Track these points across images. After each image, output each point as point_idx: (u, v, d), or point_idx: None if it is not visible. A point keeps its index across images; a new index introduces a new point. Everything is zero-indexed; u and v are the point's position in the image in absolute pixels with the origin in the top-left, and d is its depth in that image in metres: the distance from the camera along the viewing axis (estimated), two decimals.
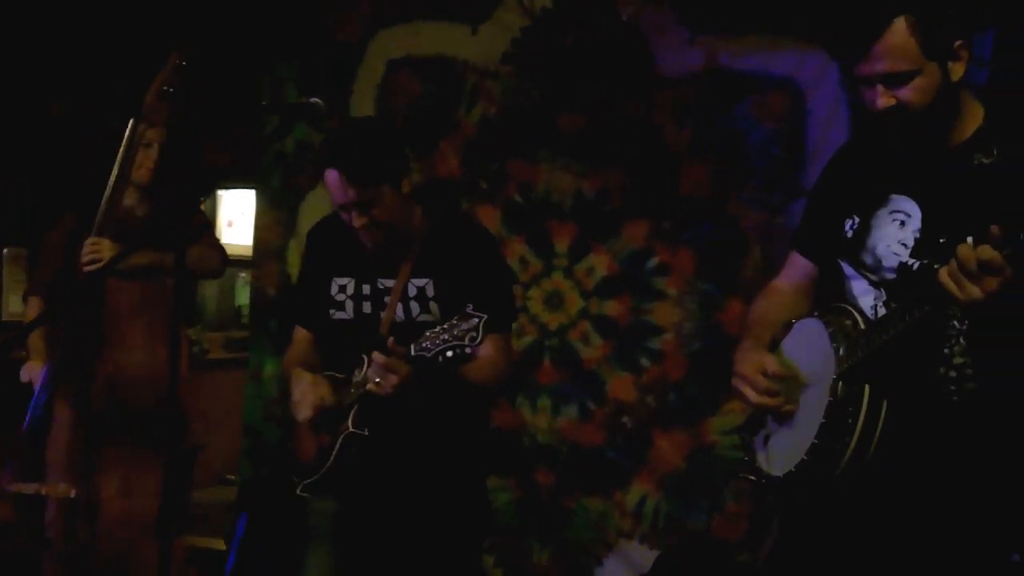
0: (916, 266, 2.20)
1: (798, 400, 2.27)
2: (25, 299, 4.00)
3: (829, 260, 2.40)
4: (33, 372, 3.70)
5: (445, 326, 2.66)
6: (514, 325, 3.15)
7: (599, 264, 4.34)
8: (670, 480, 4.21)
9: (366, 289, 2.97)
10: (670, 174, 4.21)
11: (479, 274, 2.92)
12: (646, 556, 4.19)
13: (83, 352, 3.64)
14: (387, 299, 2.93)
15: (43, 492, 3.57)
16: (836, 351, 2.18)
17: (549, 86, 4.39)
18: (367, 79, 4.69)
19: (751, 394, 2.30)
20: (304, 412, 2.88)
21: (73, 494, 3.53)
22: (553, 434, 4.38)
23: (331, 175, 2.82)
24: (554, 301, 4.41)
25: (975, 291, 1.92)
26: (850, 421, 2.13)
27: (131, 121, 3.59)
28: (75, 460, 3.64)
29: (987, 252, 1.89)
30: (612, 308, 4.32)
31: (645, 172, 4.25)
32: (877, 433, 2.14)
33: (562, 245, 4.39)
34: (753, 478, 2.37)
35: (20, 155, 5.44)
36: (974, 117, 2.22)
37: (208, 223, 4.84)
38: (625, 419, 4.29)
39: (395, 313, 2.92)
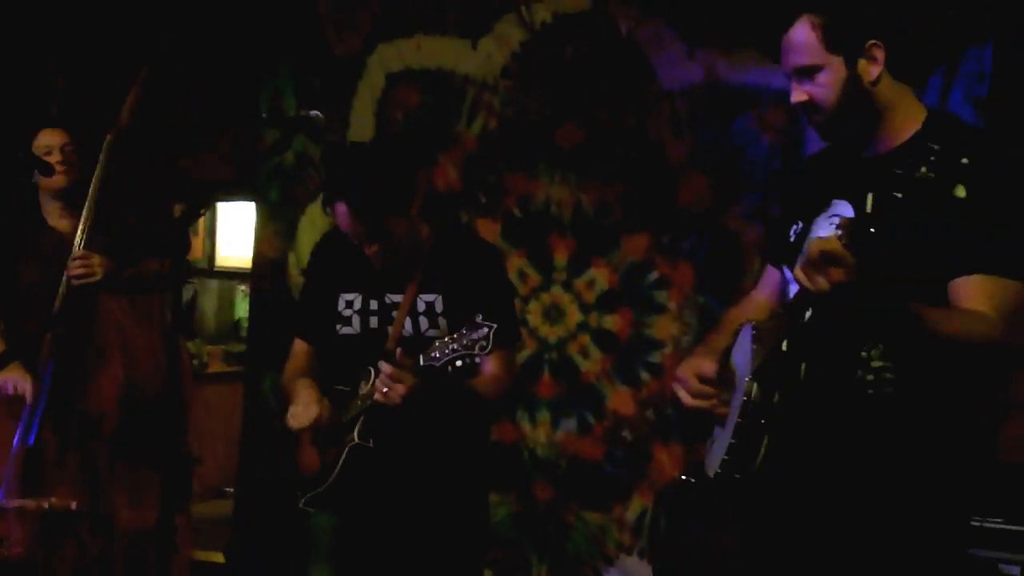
0: None
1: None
2: None
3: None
4: (17, 382, 3.62)
5: (454, 335, 2.66)
6: (516, 348, 3.16)
7: (599, 277, 4.34)
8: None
9: (373, 304, 2.97)
10: (669, 188, 4.21)
11: (486, 288, 2.93)
12: (646, 570, 4.18)
13: (79, 366, 3.64)
14: (394, 314, 2.93)
15: (45, 507, 3.57)
16: (754, 353, 2.22)
17: (548, 100, 4.40)
18: (367, 93, 4.70)
19: (685, 396, 2.36)
20: (299, 422, 2.88)
21: (73, 507, 3.53)
22: (552, 448, 4.38)
23: (340, 208, 2.80)
24: (553, 314, 4.41)
25: (822, 282, 1.97)
26: (763, 421, 2.16)
27: (107, 136, 3.60)
28: (73, 473, 3.64)
29: (826, 243, 1.94)
30: (612, 322, 4.32)
31: (644, 186, 4.26)
32: (789, 432, 2.17)
33: (561, 258, 4.40)
34: (690, 479, 2.40)
35: None
36: (913, 121, 2.26)
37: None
38: (625, 433, 4.28)
39: (403, 328, 2.91)
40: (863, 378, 2.21)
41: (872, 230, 1.93)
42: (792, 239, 2.38)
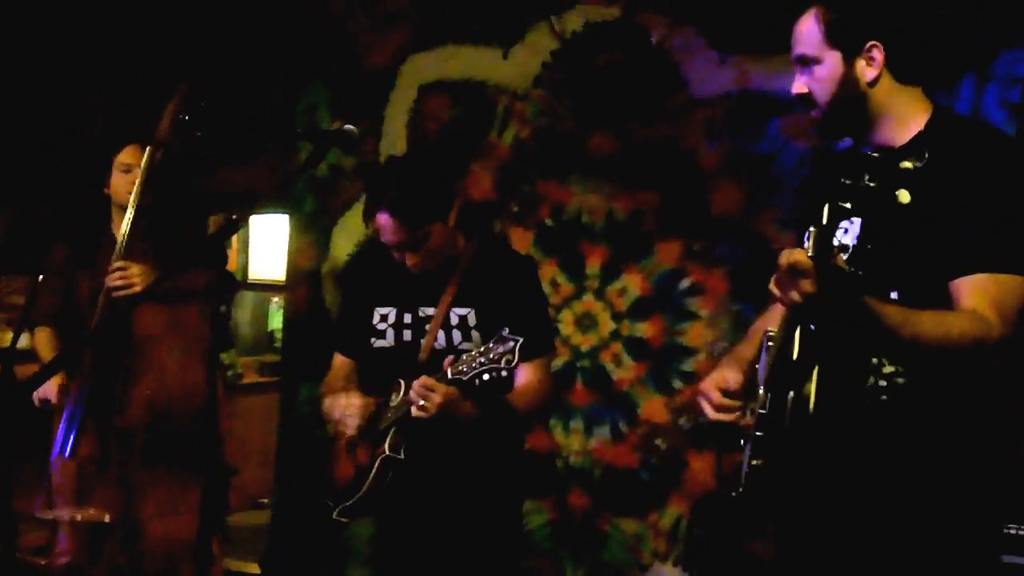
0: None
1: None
2: (29, 330, 3.91)
3: None
4: (50, 392, 3.68)
5: (482, 349, 2.68)
6: (551, 356, 3.16)
7: (631, 285, 4.34)
8: None
9: (407, 318, 3.01)
10: (702, 195, 4.21)
11: (519, 301, 2.95)
12: None
13: (116, 377, 3.67)
14: (428, 327, 2.96)
15: (78, 518, 3.60)
16: (766, 363, 2.23)
17: (580, 108, 4.41)
18: (399, 103, 4.73)
19: (708, 410, 2.35)
20: (352, 424, 2.91)
21: (107, 519, 3.56)
22: (586, 456, 4.38)
23: (382, 218, 2.87)
24: (586, 323, 4.41)
25: (793, 295, 1.98)
26: (777, 431, 2.15)
27: (147, 148, 3.65)
28: (107, 485, 3.67)
29: (792, 255, 1.96)
30: (644, 329, 4.32)
31: (677, 193, 4.26)
32: (804, 440, 2.15)
33: (594, 267, 4.40)
34: (729, 493, 2.39)
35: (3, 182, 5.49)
36: (915, 123, 2.25)
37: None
38: (658, 441, 4.28)
39: (435, 340, 2.93)
40: (876, 384, 2.19)
41: (838, 240, 1.94)
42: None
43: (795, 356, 2.15)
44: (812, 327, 2.14)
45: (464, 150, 4.59)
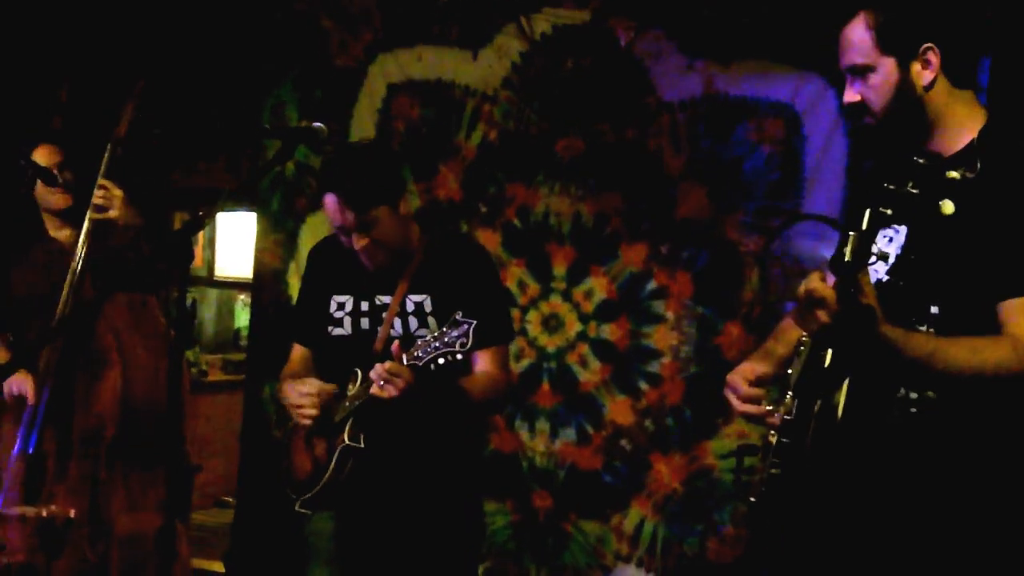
0: (886, 282, 2.18)
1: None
2: None
3: None
4: (23, 387, 3.63)
5: (436, 334, 2.70)
6: (512, 348, 3.17)
7: (597, 287, 4.36)
8: (668, 504, 4.21)
9: (364, 306, 3.01)
10: (668, 198, 4.23)
11: (475, 288, 2.96)
12: None
13: (80, 373, 3.65)
14: (384, 315, 2.97)
15: (44, 514, 3.58)
16: (795, 367, 2.18)
17: (548, 111, 4.42)
18: (368, 103, 4.73)
19: (735, 402, 2.29)
20: (309, 412, 2.91)
21: (72, 514, 3.54)
22: (551, 457, 4.39)
23: (329, 199, 2.88)
24: (552, 324, 4.43)
25: (811, 324, 1.97)
26: (803, 436, 2.12)
27: (108, 145, 3.64)
28: (72, 480, 3.66)
29: (810, 283, 1.95)
30: (610, 331, 4.34)
31: (643, 196, 4.28)
32: (827, 452, 2.12)
33: (560, 268, 4.41)
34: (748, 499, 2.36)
35: None
36: (969, 130, 2.17)
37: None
38: (623, 442, 4.29)
39: (392, 328, 2.95)
40: (907, 396, 2.13)
41: (879, 248, 1.91)
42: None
43: (827, 363, 2.12)
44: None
45: (432, 150, 4.59)
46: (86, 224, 3.61)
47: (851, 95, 2.20)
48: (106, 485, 3.67)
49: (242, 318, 7.28)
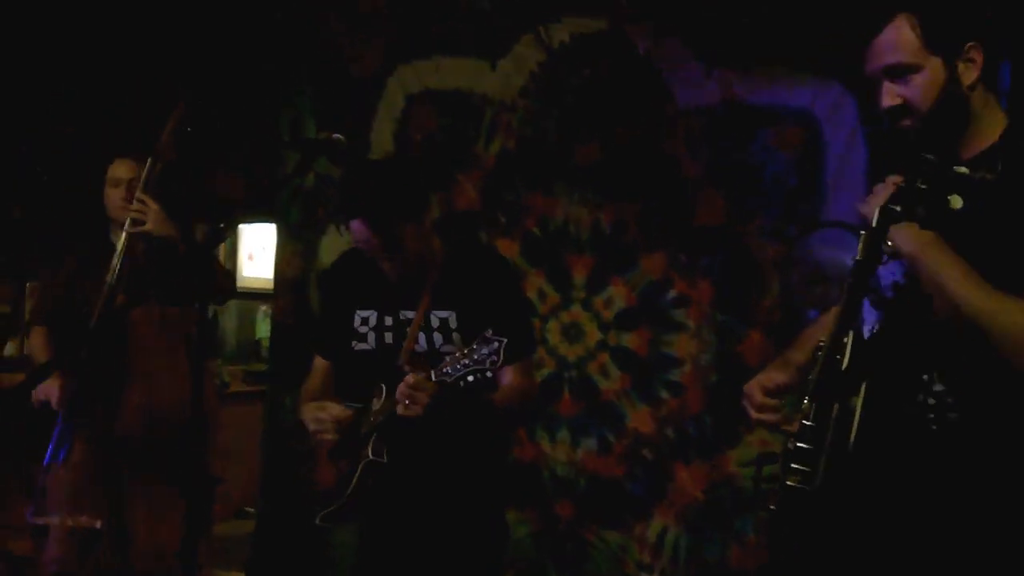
0: (903, 284, 2.17)
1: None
2: (25, 330, 4.04)
3: None
4: (49, 392, 3.69)
5: (465, 351, 2.68)
6: (533, 357, 3.16)
7: (617, 296, 4.35)
8: (690, 513, 4.20)
9: (388, 321, 3.01)
10: (687, 206, 4.23)
11: (499, 302, 2.95)
12: None
13: (108, 385, 3.68)
14: (408, 330, 2.96)
15: (68, 524, 3.60)
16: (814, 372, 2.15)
17: (566, 119, 4.42)
18: (386, 113, 4.73)
19: (751, 410, 2.30)
20: (328, 437, 2.91)
21: (99, 525, 3.56)
22: (572, 466, 4.38)
23: (355, 225, 2.86)
24: (572, 333, 4.42)
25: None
26: (820, 442, 2.09)
27: (148, 160, 3.72)
28: (98, 492, 3.67)
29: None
30: (631, 340, 4.33)
31: (662, 204, 4.27)
32: (847, 454, 2.09)
33: (580, 277, 4.41)
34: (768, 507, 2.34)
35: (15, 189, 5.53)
36: (993, 130, 2.17)
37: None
38: (645, 451, 4.29)
39: (416, 343, 2.94)
40: (925, 402, 2.12)
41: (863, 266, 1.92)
42: None
43: (844, 367, 2.09)
44: (874, 335, 2.10)
45: (451, 160, 4.60)
46: (123, 237, 3.67)
47: (891, 98, 2.16)
48: (129, 496, 3.69)
49: (263, 329, 7.29)
